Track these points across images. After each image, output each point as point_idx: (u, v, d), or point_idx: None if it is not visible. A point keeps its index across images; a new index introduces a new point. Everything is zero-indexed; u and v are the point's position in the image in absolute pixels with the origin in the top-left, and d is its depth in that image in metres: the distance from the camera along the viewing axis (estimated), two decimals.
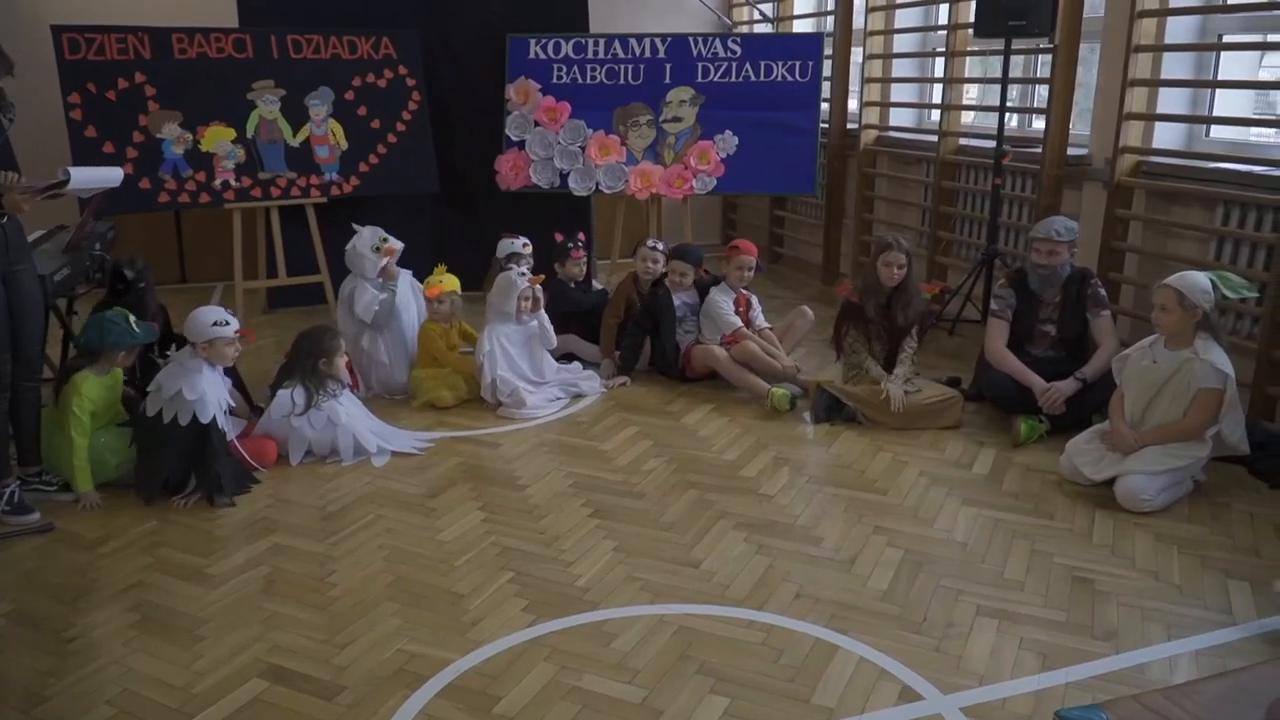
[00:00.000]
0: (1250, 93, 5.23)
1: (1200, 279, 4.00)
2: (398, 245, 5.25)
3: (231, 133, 6.09)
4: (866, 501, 4.00)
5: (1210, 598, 3.32)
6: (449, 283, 5.16)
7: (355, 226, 5.28)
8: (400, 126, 6.51)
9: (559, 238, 5.79)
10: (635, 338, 5.48)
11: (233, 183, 6.11)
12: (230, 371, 4.24)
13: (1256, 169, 4.80)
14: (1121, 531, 3.76)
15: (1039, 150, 5.82)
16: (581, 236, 5.83)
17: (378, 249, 5.17)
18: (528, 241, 5.79)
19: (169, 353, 4.20)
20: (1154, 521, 3.84)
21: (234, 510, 3.91)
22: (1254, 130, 5.16)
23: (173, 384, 3.99)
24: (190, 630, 3.12)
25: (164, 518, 3.85)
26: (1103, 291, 4.77)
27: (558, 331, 5.43)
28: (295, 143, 6.27)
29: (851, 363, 4.96)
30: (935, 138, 6.70)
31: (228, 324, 4.08)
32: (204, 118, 6.03)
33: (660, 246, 5.63)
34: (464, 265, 5.82)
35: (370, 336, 5.15)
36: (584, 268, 5.77)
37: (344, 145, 6.38)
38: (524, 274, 5.08)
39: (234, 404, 4.26)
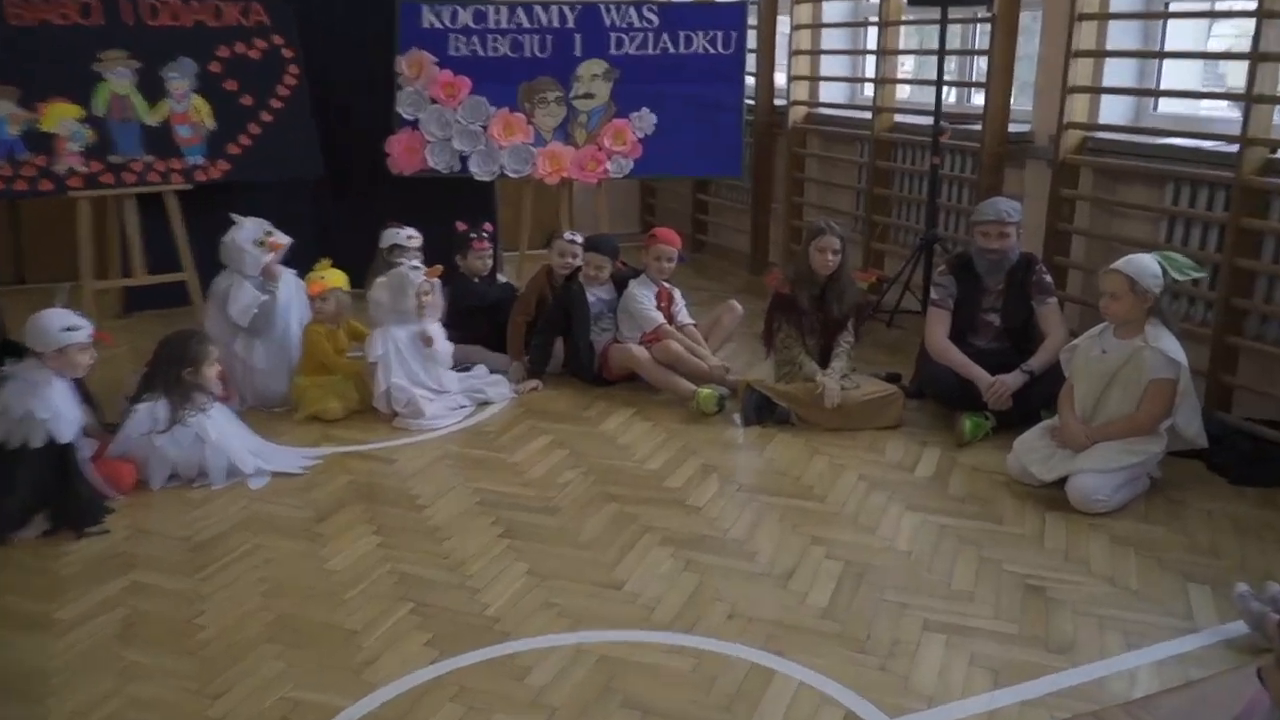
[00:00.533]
0: (1199, 64, 5.38)
1: (1149, 262, 4.09)
2: (284, 240, 5.15)
3: (77, 110, 5.86)
4: (803, 510, 4.02)
5: (1170, 602, 3.39)
6: (334, 278, 5.07)
7: (235, 218, 5.14)
8: (276, 103, 6.36)
9: (461, 227, 5.71)
10: (546, 337, 5.45)
11: (79, 167, 5.86)
12: (76, 384, 4.09)
13: (1206, 144, 4.94)
14: (1075, 534, 3.83)
15: (979, 127, 5.92)
16: (487, 227, 5.77)
17: (261, 243, 5.06)
18: (414, 233, 5.70)
19: (3, 367, 4.03)
20: (1109, 523, 3.91)
21: (84, 545, 3.76)
22: (1204, 103, 5.31)
23: (20, 404, 3.82)
24: (35, 687, 2.98)
25: None
26: (1048, 278, 4.87)
27: (460, 330, 5.37)
28: (152, 121, 6.07)
29: (783, 359, 4.99)
30: (869, 115, 6.79)
31: (79, 328, 3.93)
32: (44, 93, 5.78)
33: (578, 239, 5.61)
34: (351, 259, 5.70)
35: (246, 341, 5.03)
36: (488, 261, 5.70)
37: (210, 125, 6.21)
38: (417, 267, 5.01)
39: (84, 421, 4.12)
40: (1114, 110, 5.47)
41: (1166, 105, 5.43)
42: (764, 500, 4.10)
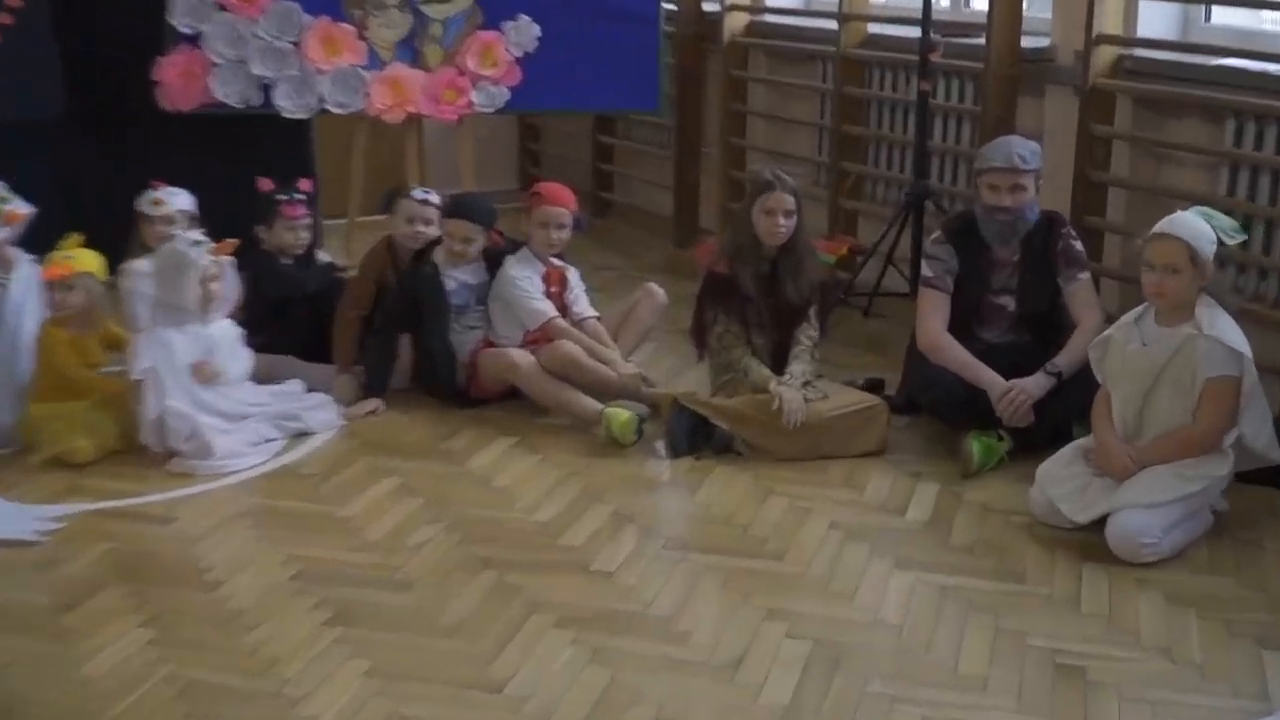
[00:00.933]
0: None
1: (1197, 221, 4.21)
2: (24, 209, 5.09)
3: None
4: (753, 572, 4.03)
5: (1241, 679, 3.47)
6: (82, 260, 5.00)
7: None
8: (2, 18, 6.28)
9: (265, 186, 5.66)
10: (388, 339, 5.42)
11: None
12: None
13: (1273, 68, 5.08)
14: (1120, 593, 3.90)
15: (981, 42, 6.03)
16: (302, 185, 5.72)
17: None
18: (186, 199, 5.55)
19: None
20: (1162, 575, 4.00)
21: None
22: (1268, 14, 5.47)
23: None
24: None
25: None
26: (1078, 245, 4.98)
27: (264, 333, 5.32)
28: None
29: (722, 364, 5.02)
30: (833, 24, 6.88)
31: None
32: None
33: (433, 198, 5.59)
34: (109, 232, 5.62)
35: None
36: (304, 233, 5.68)
37: None
38: (199, 243, 4.95)
39: None
40: (1156, 20, 5.62)
41: (1221, 15, 5.59)
42: (700, 560, 4.10)
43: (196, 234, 5.08)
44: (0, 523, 4.30)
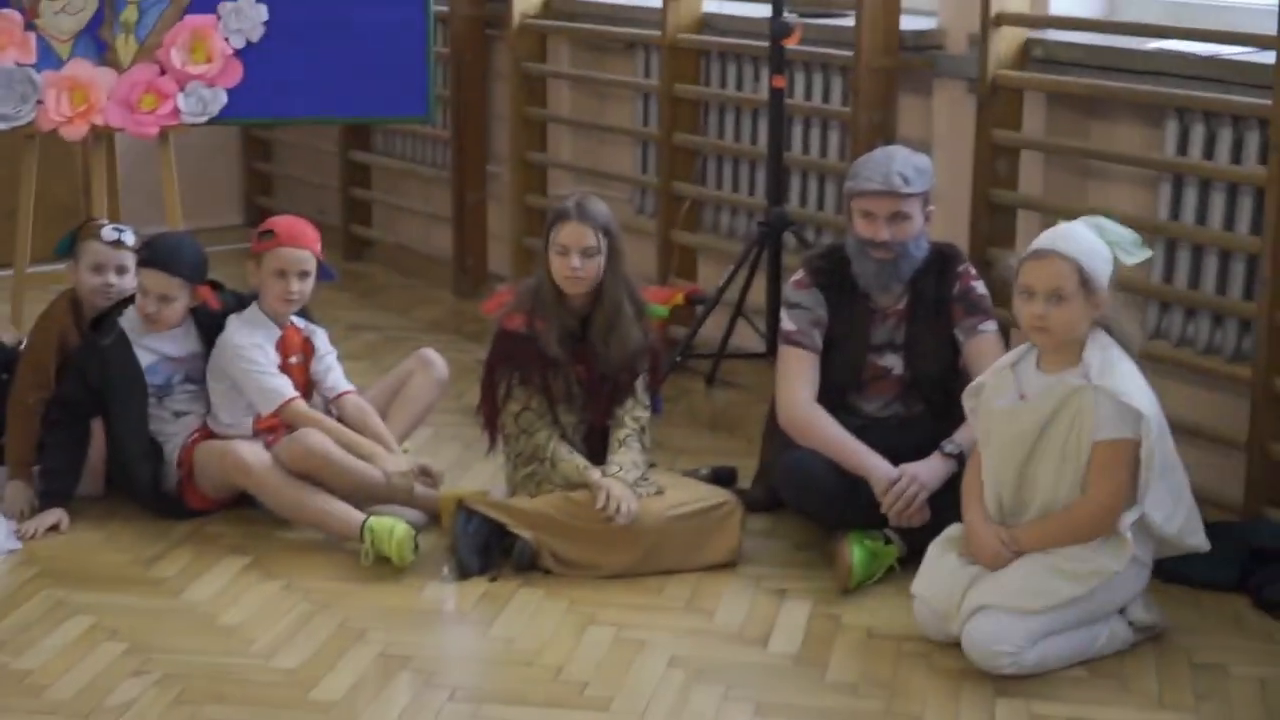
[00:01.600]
0: None
1: (1090, 235, 4.39)
2: None
3: None
4: None
5: None
6: None
7: None
8: None
9: None
10: (69, 432, 5.42)
11: None
12: None
13: (1227, 51, 5.32)
14: None
15: (850, 22, 6.21)
16: None
17: None
18: None
19: None
20: (1103, 712, 4.15)
21: None
22: None
23: None
24: None
25: None
26: (980, 287, 5.13)
27: None
28: None
29: (522, 453, 5.09)
30: (658, 1, 7.01)
31: None
32: None
33: (129, 238, 5.61)
34: None
35: None
36: None
37: None
38: None
39: None
40: None
41: None
42: (498, 715, 4.16)
43: None
44: None
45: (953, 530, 4.53)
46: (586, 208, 5.01)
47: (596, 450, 5.07)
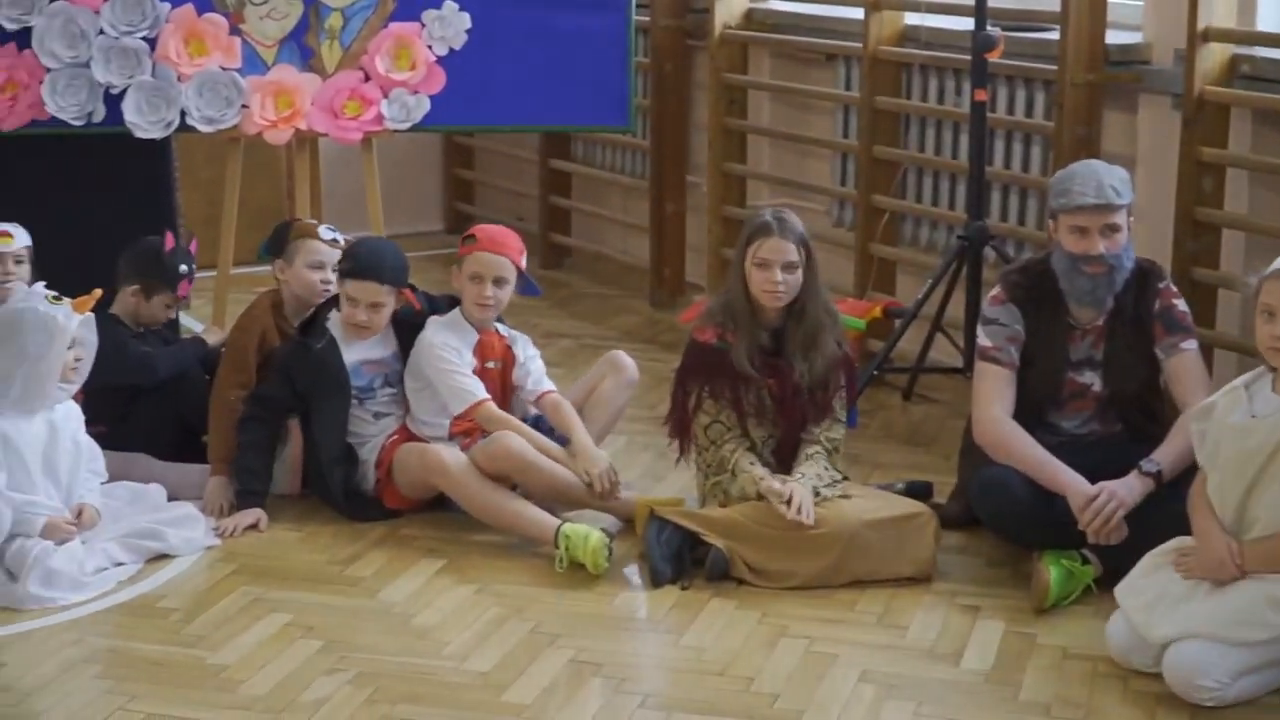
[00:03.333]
0: None
1: None
2: None
3: None
4: None
5: None
6: None
7: None
8: None
9: (169, 243, 5.84)
10: (267, 429, 5.52)
11: None
12: None
13: None
14: None
15: (1054, 36, 6.18)
16: (193, 246, 5.92)
17: None
18: (11, 231, 5.72)
19: None
20: None
21: None
22: None
23: None
24: None
25: None
26: (1181, 305, 5.08)
27: (106, 420, 5.44)
28: None
29: (712, 463, 5.11)
30: (859, 12, 7.01)
31: None
32: None
33: (339, 236, 5.73)
34: None
35: None
36: (175, 311, 5.86)
37: None
38: (60, 297, 5.05)
39: None
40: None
41: None
42: None
43: (39, 285, 5.17)
44: None
45: (1176, 543, 4.46)
46: (787, 222, 5.02)
47: (788, 465, 5.08)
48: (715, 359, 5.05)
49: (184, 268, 5.79)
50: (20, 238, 5.73)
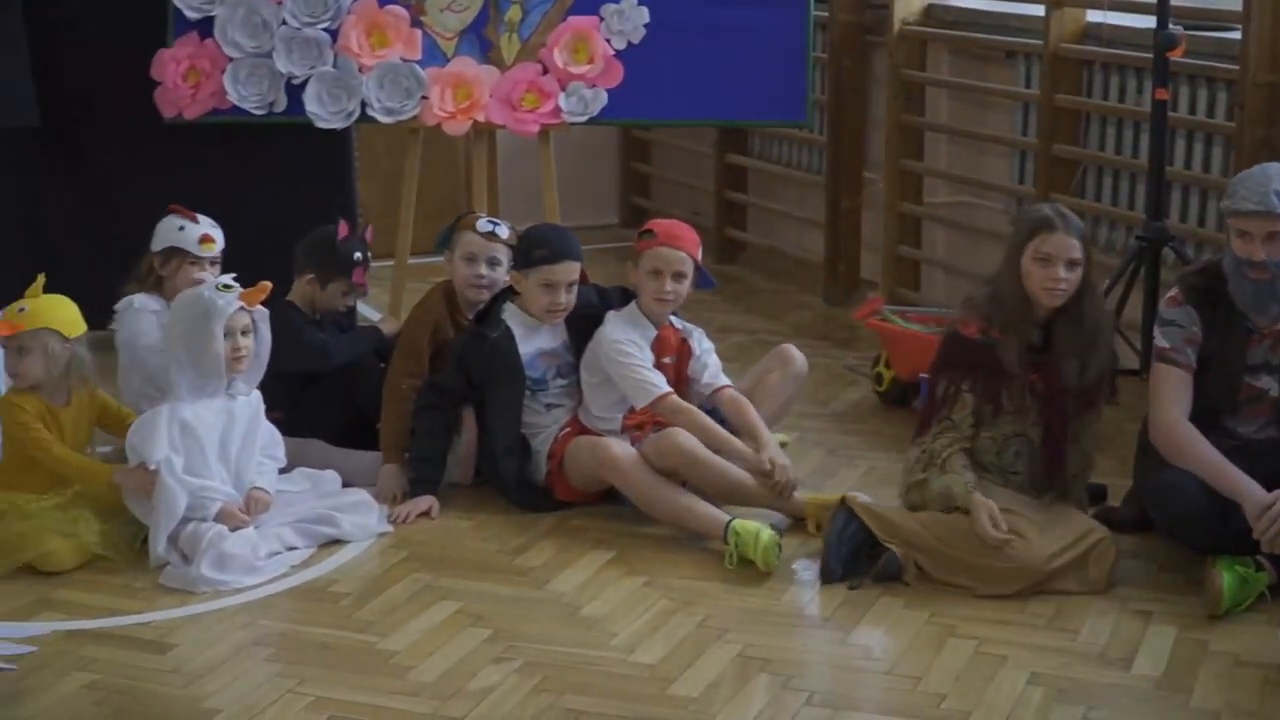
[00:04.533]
0: None
1: None
2: None
3: None
4: None
5: None
6: (39, 313, 5.16)
7: None
8: None
9: (343, 231, 5.93)
10: (442, 418, 5.58)
11: None
12: None
13: None
14: None
15: (1236, 35, 6.10)
16: (369, 233, 6.00)
17: None
18: (212, 234, 5.84)
19: None
20: None
21: None
22: None
23: None
24: None
25: None
26: None
27: (283, 407, 5.53)
28: None
29: (924, 454, 5.04)
30: (1040, 9, 6.97)
31: None
32: None
33: (503, 230, 5.76)
34: (90, 277, 5.85)
35: None
36: (355, 295, 5.95)
37: None
38: (230, 286, 5.14)
39: None
40: None
41: None
42: None
43: (226, 277, 5.26)
44: None
45: None
46: (1069, 217, 4.96)
47: (1039, 461, 5.04)
48: (979, 354, 5.00)
49: (358, 255, 5.85)
50: (220, 242, 5.84)
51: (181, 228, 5.80)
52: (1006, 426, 5.01)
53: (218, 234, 5.83)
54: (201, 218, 5.84)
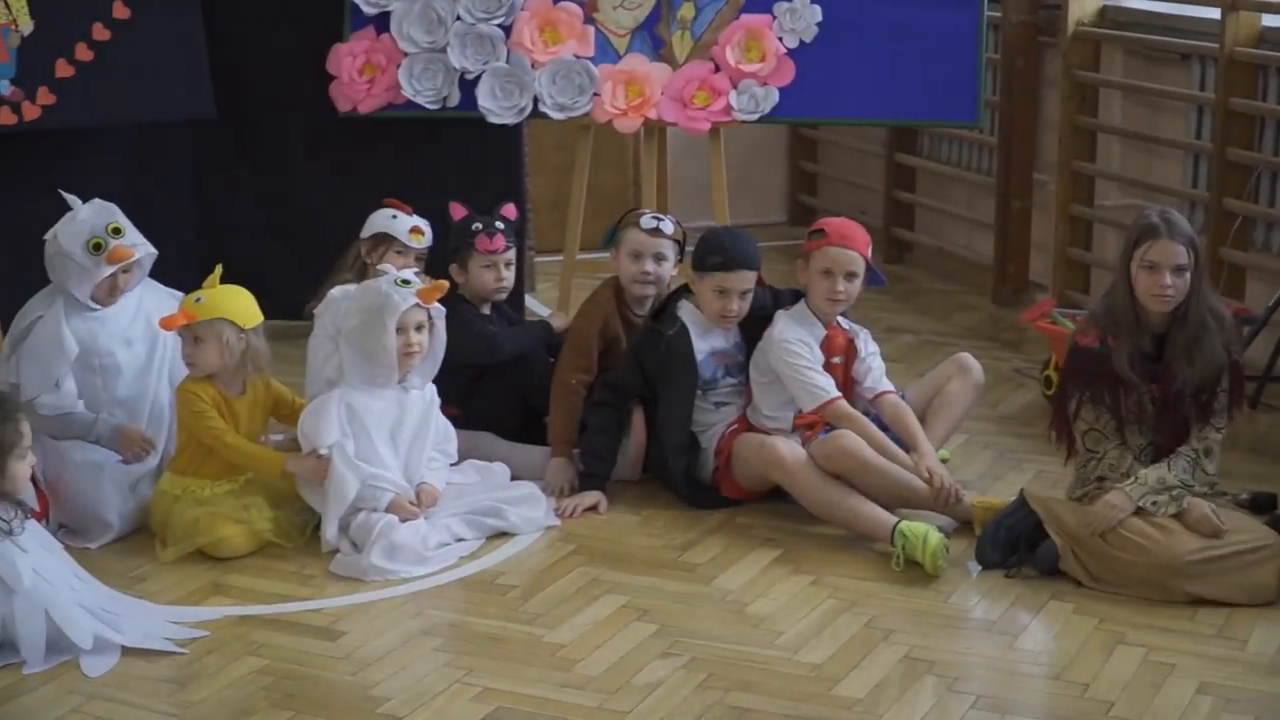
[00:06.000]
0: None
1: None
2: (136, 246, 5.38)
3: None
4: None
5: None
6: (221, 300, 5.23)
7: (68, 198, 5.39)
8: None
9: (458, 212, 5.93)
10: (614, 415, 5.61)
11: None
12: None
13: None
14: None
15: None
16: (506, 210, 5.98)
17: (98, 246, 5.31)
18: (423, 227, 5.94)
19: None
20: None
21: None
22: None
23: None
24: None
25: None
26: None
27: (455, 401, 5.58)
28: None
29: (1087, 473, 5.01)
30: (1216, 12, 6.87)
31: None
32: None
33: (667, 226, 5.77)
34: (267, 268, 5.92)
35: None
36: (507, 273, 5.93)
37: (26, 27, 6.52)
38: (408, 282, 5.20)
39: None
40: None
41: None
42: None
43: (407, 272, 5.32)
44: (131, 624, 4.56)
45: None
46: (1175, 224, 4.91)
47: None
48: (1096, 363, 4.96)
49: (476, 225, 5.82)
50: (429, 238, 5.93)
51: (394, 216, 5.91)
52: (1134, 438, 4.96)
53: (428, 229, 5.91)
54: (409, 210, 5.94)
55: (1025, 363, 6.90)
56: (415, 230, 5.90)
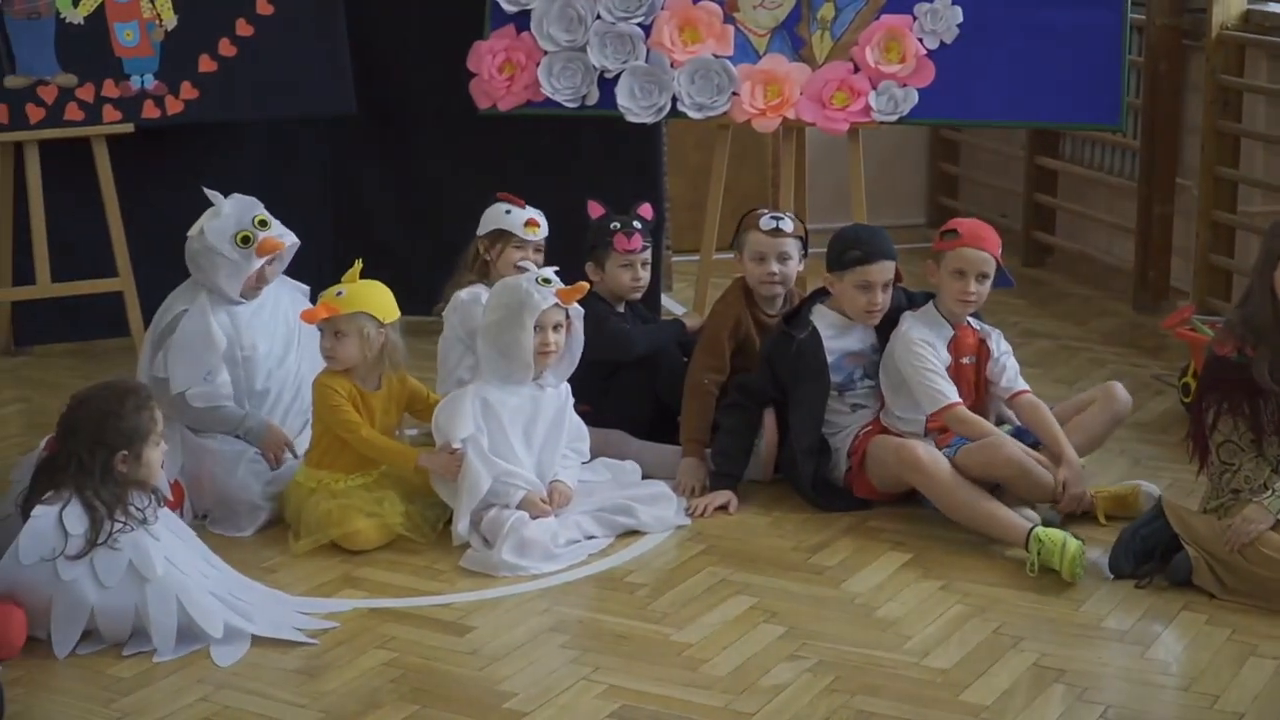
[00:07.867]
0: None
1: None
2: (284, 237, 5.44)
3: None
4: None
5: None
6: (359, 296, 5.27)
7: (210, 194, 5.45)
8: None
9: (596, 211, 5.95)
10: (746, 416, 5.60)
11: None
12: None
13: None
14: None
15: None
16: (644, 210, 5.99)
17: (246, 239, 5.36)
18: (537, 219, 5.94)
19: None
20: None
21: None
22: None
23: None
24: None
25: None
26: None
27: (588, 399, 5.59)
28: (77, 17, 6.49)
29: (1222, 486, 4.93)
30: None
31: None
32: None
33: (787, 224, 5.75)
34: (405, 264, 5.96)
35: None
36: (644, 272, 5.94)
37: (170, 22, 6.60)
38: (549, 280, 5.22)
39: None
40: None
41: None
42: None
43: (548, 270, 5.33)
44: (262, 615, 4.61)
45: None
46: None
47: None
48: (1233, 373, 4.87)
49: (614, 225, 5.84)
50: (544, 229, 5.92)
51: (508, 211, 5.90)
52: (1272, 450, 4.86)
53: (543, 220, 5.91)
54: (525, 205, 5.93)
55: (1164, 369, 6.81)
56: (530, 223, 5.88)
